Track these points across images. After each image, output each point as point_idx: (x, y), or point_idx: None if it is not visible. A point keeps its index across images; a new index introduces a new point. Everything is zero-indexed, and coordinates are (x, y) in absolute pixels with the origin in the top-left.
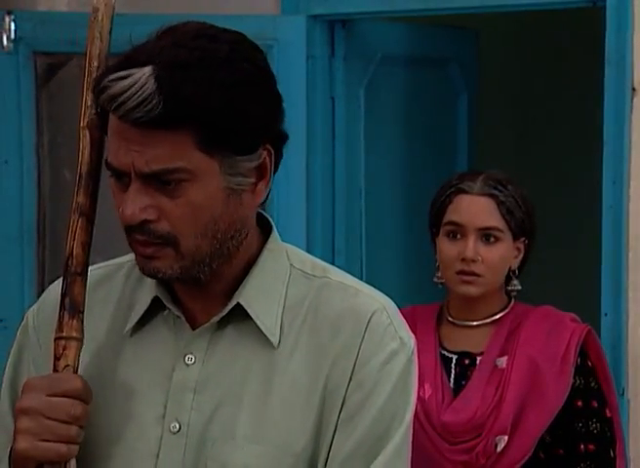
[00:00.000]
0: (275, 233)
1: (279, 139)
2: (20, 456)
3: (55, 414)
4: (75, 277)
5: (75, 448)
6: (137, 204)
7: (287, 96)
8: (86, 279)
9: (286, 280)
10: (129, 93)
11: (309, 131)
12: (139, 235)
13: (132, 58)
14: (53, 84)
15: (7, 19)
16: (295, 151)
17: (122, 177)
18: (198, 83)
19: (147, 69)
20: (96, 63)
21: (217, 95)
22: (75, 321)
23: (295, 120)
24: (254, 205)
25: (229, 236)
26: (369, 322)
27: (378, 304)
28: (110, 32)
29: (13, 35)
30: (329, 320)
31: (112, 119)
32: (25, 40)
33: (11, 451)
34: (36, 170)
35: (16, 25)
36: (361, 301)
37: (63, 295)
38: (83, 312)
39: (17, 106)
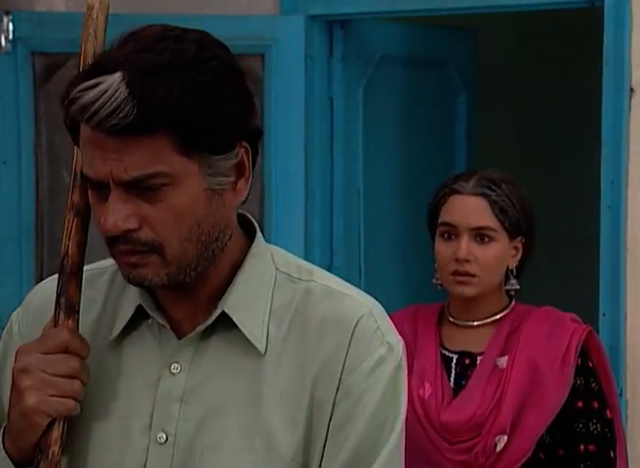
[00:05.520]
0: (260, 236)
1: (254, 136)
2: (27, 413)
3: (54, 370)
4: (71, 277)
5: (78, 404)
6: (118, 214)
7: (285, 96)
8: (81, 279)
9: (271, 285)
10: (101, 101)
11: (308, 131)
12: (122, 245)
13: (98, 67)
14: (51, 84)
15: (5, 20)
16: (293, 152)
17: (101, 188)
18: (170, 85)
19: (117, 75)
20: (90, 61)
21: (190, 95)
22: (71, 321)
23: (293, 120)
24: (235, 204)
25: (214, 238)
26: (355, 327)
27: (364, 309)
28: (105, 30)
29: (11, 36)
30: (315, 325)
31: (84, 129)
32: (23, 40)
33: (4, 431)
34: (34, 170)
35: (14, 26)
36: (347, 306)
37: (59, 295)
38: (79, 312)
39: (15, 107)
